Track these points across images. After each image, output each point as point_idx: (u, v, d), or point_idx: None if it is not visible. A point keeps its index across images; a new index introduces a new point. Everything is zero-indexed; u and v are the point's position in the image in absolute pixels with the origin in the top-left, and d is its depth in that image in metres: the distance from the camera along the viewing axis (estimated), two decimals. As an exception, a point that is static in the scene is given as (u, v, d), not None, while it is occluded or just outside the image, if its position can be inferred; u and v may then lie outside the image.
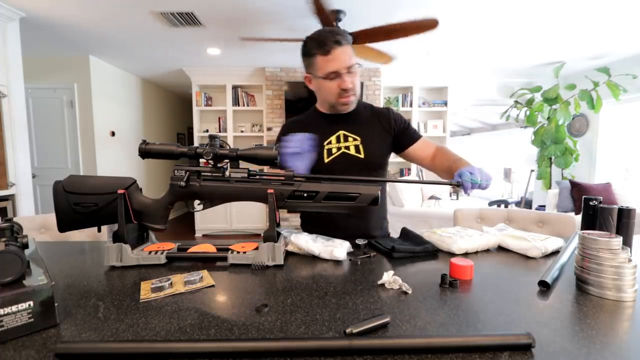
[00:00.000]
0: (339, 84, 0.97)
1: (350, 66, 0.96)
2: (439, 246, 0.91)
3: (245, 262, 0.79)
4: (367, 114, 1.11)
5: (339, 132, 1.07)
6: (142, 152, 0.79)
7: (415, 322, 0.52)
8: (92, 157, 3.91)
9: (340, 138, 1.06)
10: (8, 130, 2.57)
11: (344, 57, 0.94)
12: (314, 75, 1.00)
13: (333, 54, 0.94)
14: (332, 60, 0.94)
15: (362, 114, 1.10)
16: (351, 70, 0.97)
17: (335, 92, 0.99)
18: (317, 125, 1.08)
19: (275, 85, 4.40)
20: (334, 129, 1.07)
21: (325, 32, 0.96)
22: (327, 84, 0.98)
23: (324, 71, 0.96)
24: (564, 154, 4.12)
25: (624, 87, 3.62)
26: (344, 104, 1.02)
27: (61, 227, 0.80)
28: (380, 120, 1.10)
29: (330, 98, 1.02)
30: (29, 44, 3.26)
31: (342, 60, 0.94)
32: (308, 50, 0.98)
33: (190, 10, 2.65)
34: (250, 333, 0.49)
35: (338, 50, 0.93)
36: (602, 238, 0.62)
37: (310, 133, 0.98)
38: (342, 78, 0.97)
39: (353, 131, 1.07)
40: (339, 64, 0.95)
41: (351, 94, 1.00)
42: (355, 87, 1.00)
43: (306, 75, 1.05)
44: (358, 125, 1.08)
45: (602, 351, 0.44)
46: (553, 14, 2.71)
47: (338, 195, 0.80)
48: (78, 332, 0.49)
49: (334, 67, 0.95)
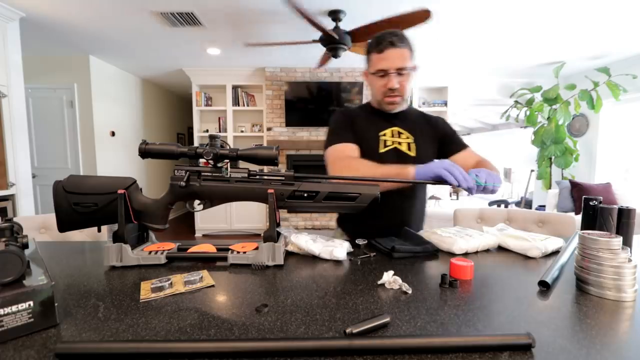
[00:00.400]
0: (386, 82, 1.02)
1: (400, 68, 0.99)
2: (439, 246, 0.91)
3: (245, 262, 0.79)
4: (419, 118, 1.15)
5: (393, 127, 1.10)
6: (142, 152, 0.79)
7: (415, 322, 0.52)
8: (92, 157, 3.91)
9: (395, 133, 1.09)
10: (8, 130, 2.57)
11: (395, 58, 0.99)
12: (368, 71, 1.06)
13: (385, 53, 0.99)
14: (383, 59, 0.99)
15: (414, 116, 1.14)
16: (402, 73, 1.00)
17: (381, 90, 1.04)
18: (372, 116, 1.12)
19: (275, 85, 4.40)
20: (389, 123, 1.10)
21: (385, 33, 1.00)
22: (375, 81, 1.04)
23: (374, 68, 1.02)
24: (564, 154, 4.12)
25: (624, 87, 3.62)
26: (388, 103, 1.06)
27: (61, 227, 0.80)
28: (430, 125, 1.14)
29: (377, 95, 1.07)
30: (29, 44, 3.26)
31: (392, 60, 0.99)
32: (368, 47, 1.04)
33: (190, 10, 2.65)
34: (250, 333, 0.49)
35: (391, 51, 0.98)
36: (602, 238, 0.62)
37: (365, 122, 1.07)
38: (390, 78, 1.01)
39: (406, 129, 1.10)
40: (389, 63, 0.99)
41: (397, 94, 1.04)
42: (403, 89, 1.03)
43: (364, 71, 1.09)
44: (410, 124, 1.11)
45: (602, 351, 0.44)
46: (553, 14, 2.71)
47: (338, 195, 0.80)
48: (78, 332, 0.49)
49: (384, 66, 1.00)
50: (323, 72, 4.36)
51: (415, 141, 1.09)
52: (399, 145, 1.08)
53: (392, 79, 1.01)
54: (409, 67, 1.01)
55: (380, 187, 0.89)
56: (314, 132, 4.51)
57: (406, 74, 1.02)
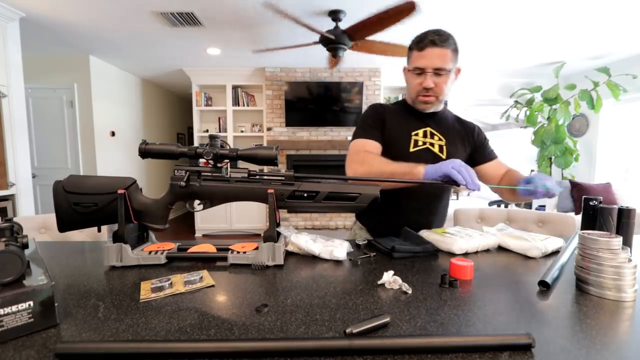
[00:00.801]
0: (422, 81, 1.01)
1: (438, 68, 0.98)
2: (439, 246, 0.91)
3: (245, 262, 0.79)
4: (453, 121, 1.14)
5: (426, 128, 1.09)
6: (142, 152, 0.79)
7: (415, 322, 0.52)
8: (92, 157, 3.92)
9: (427, 133, 1.08)
10: (8, 130, 2.57)
11: (435, 57, 0.97)
12: (407, 68, 1.05)
13: (425, 51, 0.97)
14: (422, 57, 0.98)
15: (449, 119, 1.13)
16: (439, 73, 0.99)
17: (416, 88, 1.03)
18: (406, 114, 1.11)
19: (275, 85, 4.40)
20: (422, 123, 1.09)
21: (428, 31, 0.99)
22: (411, 78, 1.04)
23: (412, 65, 1.02)
24: (564, 154, 4.12)
25: (624, 87, 3.62)
26: (422, 102, 1.05)
27: (61, 227, 0.80)
28: (465, 131, 1.14)
29: (412, 93, 1.06)
30: (29, 44, 3.26)
31: (432, 59, 0.97)
32: (410, 45, 1.03)
33: (190, 10, 2.65)
34: (250, 333, 0.49)
35: (431, 50, 0.97)
36: (602, 238, 0.62)
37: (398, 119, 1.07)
38: (426, 76, 0.99)
39: (439, 131, 1.09)
40: (428, 62, 0.98)
41: (432, 94, 1.02)
42: (439, 89, 1.02)
43: (404, 67, 1.08)
44: (444, 127, 1.11)
45: (602, 351, 0.44)
46: (553, 14, 2.71)
47: (338, 195, 0.80)
48: (78, 332, 0.49)
49: (421, 64, 0.99)
50: (323, 72, 4.36)
51: (447, 144, 1.08)
52: (431, 147, 1.07)
53: (428, 78, 0.99)
54: (448, 68, 0.99)
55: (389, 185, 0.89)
56: (314, 132, 4.51)
57: (444, 74, 0.99)
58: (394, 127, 1.08)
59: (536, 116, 4.23)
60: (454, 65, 1.00)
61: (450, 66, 0.99)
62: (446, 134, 1.09)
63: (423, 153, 1.07)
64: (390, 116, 1.10)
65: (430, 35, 0.97)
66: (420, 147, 1.07)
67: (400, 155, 1.01)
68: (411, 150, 1.07)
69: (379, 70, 4.39)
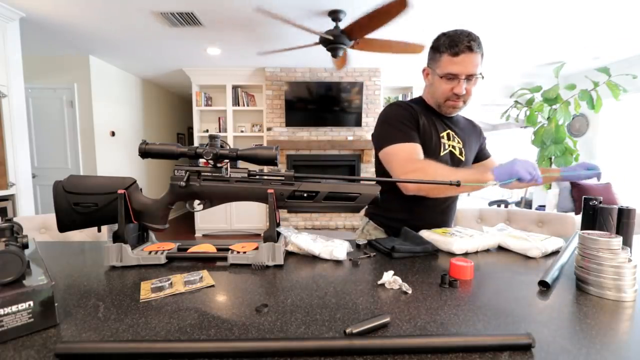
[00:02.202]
0: (454, 87, 0.97)
1: (471, 74, 0.96)
2: (439, 246, 0.91)
3: (245, 262, 0.79)
4: (466, 123, 1.15)
5: (448, 130, 1.08)
6: (142, 152, 0.79)
7: (415, 322, 0.52)
8: (92, 157, 3.91)
9: (450, 136, 1.07)
10: (8, 130, 2.57)
11: (469, 63, 0.94)
12: (433, 71, 1.01)
13: (460, 57, 0.93)
14: (457, 63, 0.94)
15: (461, 121, 1.13)
16: (471, 79, 0.97)
17: (446, 93, 1.00)
18: (431, 115, 1.07)
19: (275, 85, 4.40)
20: (444, 125, 1.08)
21: (461, 34, 0.94)
22: (442, 83, 0.99)
23: (443, 70, 0.97)
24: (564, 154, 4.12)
25: (624, 87, 3.61)
26: (450, 106, 1.02)
27: (61, 227, 0.80)
28: (475, 132, 1.16)
29: (439, 97, 1.02)
30: (29, 44, 3.26)
31: (466, 66, 0.94)
32: (438, 46, 0.97)
33: (190, 10, 2.65)
34: (250, 333, 0.49)
35: (467, 56, 0.93)
36: (602, 238, 0.62)
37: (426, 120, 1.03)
38: (459, 83, 0.96)
39: (457, 134, 1.09)
40: (462, 68, 0.94)
41: (462, 100, 1.01)
42: (469, 95, 1.00)
43: (425, 68, 1.05)
44: (460, 130, 1.11)
45: (602, 351, 0.44)
46: (553, 14, 2.71)
47: (338, 195, 0.80)
48: (78, 332, 0.49)
49: (456, 70, 0.95)
50: (323, 72, 4.36)
51: (465, 146, 1.09)
52: (452, 150, 1.06)
53: (462, 84, 0.96)
54: (479, 74, 0.97)
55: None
56: (313, 132, 4.51)
57: (474, 79, 0.98)
58: (426, 129, 1.04)
59: (536, 116, 4.23)
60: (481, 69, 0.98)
61: (480, 71, 0.97)
62: (462, 137, 1.10)
63: (448, 157, 1.05)
64: (420, 117, 1.04)
65: (465, 40, 0.92)
66: (446, 150, 1.05)
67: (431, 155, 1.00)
68: (442, 154, 1.04)
69: (379, 70, 4.39)
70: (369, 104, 4.46)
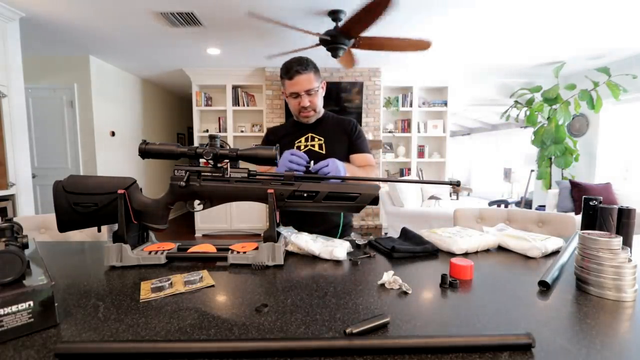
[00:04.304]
0: (299, 102, 1.22)
1: (308, 90, 1.20)
2: (439, 246, 0.91)
3: (245, 262, 0.79)
4: (332, 122, 1.34)
5: (307, 134, 1.31)
6: (142, 152, 0.79)
7: (415, 322, 0.52)
8: (92, 157, 3.91)
9: (309, 138, 1.30)
10: (8, 130, 2.57)
11: (303, 82, 1.19)
12: (284, 93, 1.26)
13: (294, 80, 1.19)
14: (293, 84, 1.20)
15: (328, 122, 1.34)
16: (310, 93, 1.21)
17: (296, 108, 1.25)
18: (292, 129, 1.34)
19: (275, 85, 4.40)
20: (304, 132, 1.31)
21: (291, 62, 1.20)
22: (291, 101, 1.25)
23: (288, 91, 1.23)
24: (564, 154, 4.12)
25: (624, 87, 3.61)
26: (304, 117, 1.27)
27: (61, 227, 0.80)
28: (342, 127, 1.33)
29: (294, 111, 1.28)
30: (29, 44, 3.26)
31: (301, 85, 1.19)
32: (280, 74, 1.24)
33: (190, 10, 2.65)
34: (250, 333, 0.49)
35: (299, 77, 1.18)
36: (602, 238, 0.62)
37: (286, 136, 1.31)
38: (302, 98, 1.21)
39: (319, 134, 1.30)
40: (299, 87, 1.19)
41: (310, 110, 1.24)
42: (314, 105, 1.24)
43: (282, 90, 1.28)
44: (323, 129, 1.31)
45: (602, 351, 0.44)
46: (553, 14, 2.71)
47: (338, 195, 0.80)
48: (78, 332, 0.49)
49: (295, 89, 1.20)
50: (323, 72, 4.36)
51: (326, 142, 1.28)
52: (312, 147, 1.28)
53: (304, 98, 1.21)
54: (316, 88, 1.21)
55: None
56: (314, 132, 4.50)
57: (314, 93, 1.22)
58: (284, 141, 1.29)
59: (536, 116, 4.23)
60: (319, 83, 1.23)
61: (316, 85, 1.21)
62: (325, 134, 1.30)
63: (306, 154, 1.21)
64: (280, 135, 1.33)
65: (295, 66, 1.17)
66: (303, 150, 1.28)
67: None
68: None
69: (379, 70, 4.39)
70: (369, 104, 4.46)
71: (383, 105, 4.61)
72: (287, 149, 1.23)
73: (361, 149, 1.32)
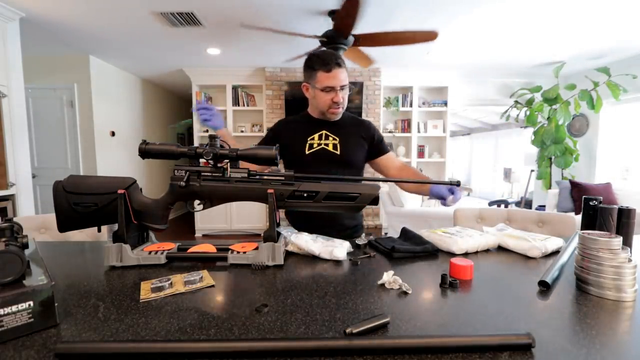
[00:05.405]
0: (333, 97, 1.15)
1: (344, 85, 1.15)
2: (439, 246, 0.91)
3: (245, 262, 0.79)
4: (349, 122, 1.28)
5: (321, 132, 1.24)
6: (142, 152, 0.79)
7: (415, 322, 0.52)
8: (92, 157, 3.91)
9: (322, 136, 1.24)
10: (8, 130, 2.57)
11: (341, 77, 1.13)
12: (312, 86, 1.17)
13: (333, 73, 1.12)
14: (331, 78, 1.12)
15: (345, 122, 1.27)
16: (344, 89, 1.17)
17: (328, 103, 1.17)
18: (306, 124, 1.27)
19: (275, 85, 4.40)
20: (318, 129, 1.24)
21: (328, 54, 1.14)
22: (322, 96, 1.16)
23: (322, 85, 1.14)
24: (564, 154, 4.12)
25: (624, 87, 3.61)
26: (333, 113, 1.20)
27: (61, 227, 0.80)
28: (359, 129, 1.28)
29: (323, 107, 1.19)
30: (29, 44, 3.26)
31: (339, 79, 1.13)
32: (312, 65, 1.15)
33: (190, 10, 2.65)
34: (250, 333, 0.49)
35: (337, 71, 1.12)
36: (602, 238, 0.62)
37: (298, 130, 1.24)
38: (337, 94, 1.15)
39: (334, 133, 1.24)
40: (336, 82, 1.13)
41: (341, 106, 1.19)
42: (345, 102, 1.20)
43: (305, 84, 1.21)
44: (339, 129, 1.25)
45: (602, 351, 0.44)
46: (553, 14, 2.71)
47: (338, 195, 0.80)
48: (78, 332, 0.49)
49: (332, 84, 1.13)
50: (323, 72, 4.36)
51: (341, 142, 1.23)
52: (325, 146, 1.22)
53: (339, 94, 1.15)
54: (348, 83, 1.18)
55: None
56: (314, 132, 4.50)
57: (346, 89, 1.18)
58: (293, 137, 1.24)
59: (536, 116, 4.23)
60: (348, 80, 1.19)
61: (348, 81, 1.18)
62: (340, 134, 1.23)
63: (319, 152, 1.22)
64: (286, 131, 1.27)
65: (334, 58, 1.12)
66: (315, 148, 1.22)
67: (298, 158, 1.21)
68: (307, 152, 1.21)
69: (379, 70, 4.39)
70: (369, 104, 4.46)
71: (383, 105, 4.61)
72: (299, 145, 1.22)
73: (386, 150, 1.30)
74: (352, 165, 1.24)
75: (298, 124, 1.27)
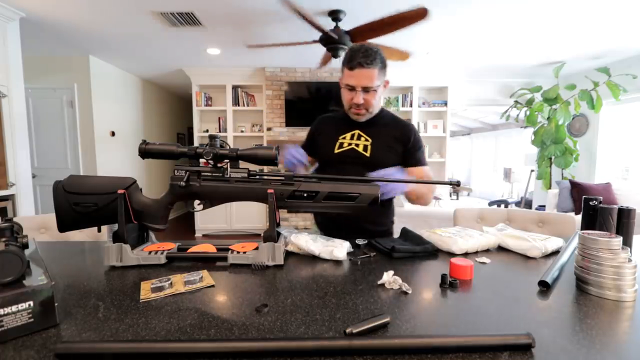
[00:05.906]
0: (352, 97, 1.09)
1: (366, 87, 1.06)
2: (439, 246, 0.91)
3: (245, 262, 0.79)
4: (388, 124, 1.19)
5: (355, 131, 1.17)
6: (142, 152, 0.79)
7: (415, 322, 0.52)
8: (92, 157, 3.91)
9: (355, 136, 1.17)
10: (8, 130, 2.57)
11: (362, 78, 1.05)
12: (341, 81, 1.13)
13: (355, 72, 1.05)
14: (352, 76, 1.06)
15: (383, 122, 1.19)
16: (368, 90, 1.07)
17: (348, 102, 1.12)
18: (341, 122, 1.21)
19: (275, 85, 4.40)
20: (352, 128, 1.18)
21: (357, 51, 1.05)
22: (344, 93, 1.12)
23: (343, 82, 1.10)
24: (564, 154, 4.12)
25: (624, 87, 3.61)
26: (354, 114, 1.14)
27: (61, 227, 0.80)
28: (395, 130, 1.18)
29: (345, 105, 1.15)
30: (29, 44, 3.26)
31: (360, 79, 1.05)
32: (343, 59, 1.10)
33: (190, 10, 2.65)
34: (250, 333, 0.49)
35: (361, 70, 1.04)
36: (602, 238, 0.62)
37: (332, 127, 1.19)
38: (356, 94, 1.07)
39: (367, 133, 1.17)
40: (356, 81, 1.06)
41: (362, 109, 1.11)
42: (368, 104, 1.10)
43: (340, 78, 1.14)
44: (374, 130, 1.17)
45: (602, 351, 0.44)
46: (553, 14, 2.71)
47: (338, 195, 0.80)
48: (78, 332, 0.49)
49: (352, 82, 1.07)
50: (323, 72, 4.36)
51: (373, 143, 1.15)
52: (356, 147, 1.16)
53: (358, 95, 1.07)
54: (375, 87, 1.07)
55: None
56: (314, 132, 4.50)
57: (372, 91, 1.08)
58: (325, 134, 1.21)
59: (536, 116, 4.23)
60: (381, 81, 1.08)
61: (377, 84, 1.07)
62: (374, 135, 1.16)
63: (348, 152, 1.16)
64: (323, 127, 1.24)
65: (359, 57, 1.03)
66: (345, 147, 1.16)
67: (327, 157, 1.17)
68: (335, 151, 1.17)
69: (379, 70, 4.39)
70: (369, 104, 4.46)
71: (383, 105, 4.61)
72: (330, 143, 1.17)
73: (420, 162, 1.17)
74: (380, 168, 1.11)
75: (334, 121, 1.22)
